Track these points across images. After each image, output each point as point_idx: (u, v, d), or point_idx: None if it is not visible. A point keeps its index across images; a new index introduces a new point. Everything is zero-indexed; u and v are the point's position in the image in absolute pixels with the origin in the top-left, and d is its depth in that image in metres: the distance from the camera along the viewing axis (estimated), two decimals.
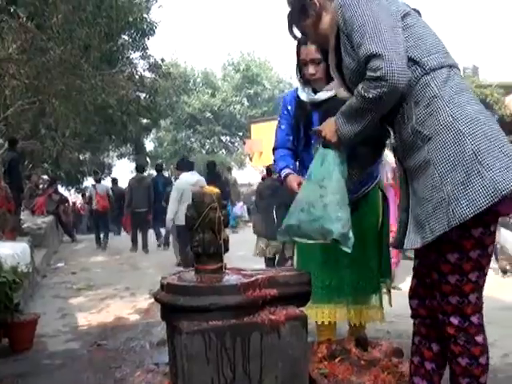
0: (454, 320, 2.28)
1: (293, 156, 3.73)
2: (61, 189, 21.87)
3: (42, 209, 15.12)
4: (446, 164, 2.13)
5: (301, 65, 3.54)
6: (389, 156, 6.10)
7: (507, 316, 5.12)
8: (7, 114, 14.92)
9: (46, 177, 22.17)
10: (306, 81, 3.56)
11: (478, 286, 2.27)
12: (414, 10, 2.44)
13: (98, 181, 15.73)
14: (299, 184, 3.19)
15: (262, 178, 9.62)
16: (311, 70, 3.47)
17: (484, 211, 2.09)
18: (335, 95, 3.32)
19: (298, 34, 2.64)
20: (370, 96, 2.18)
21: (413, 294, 2.57)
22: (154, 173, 15.46)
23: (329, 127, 2.46)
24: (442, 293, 2.30)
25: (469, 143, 2.10)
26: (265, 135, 25.40)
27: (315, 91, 3.55)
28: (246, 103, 40.41)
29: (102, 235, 14.45)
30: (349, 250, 2.53)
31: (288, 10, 2.60)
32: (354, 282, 3.59)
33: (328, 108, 3.28)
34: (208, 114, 38.06)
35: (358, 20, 2.22)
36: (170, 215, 9.19)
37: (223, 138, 41.77)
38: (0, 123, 15.51)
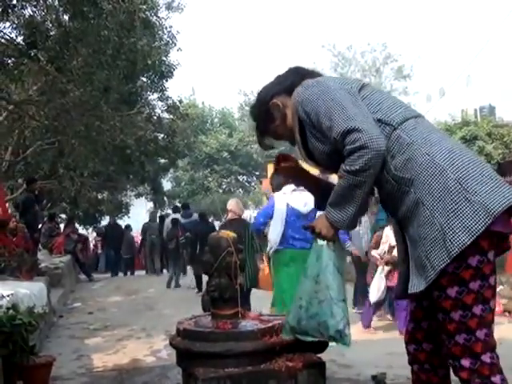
0: (465, 362, 2.19)
1: None
2: (78, 228, 21.95)
3: (61, 248, 15.16)
4: (434, 197, 2.17)
5: None
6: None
7: None
8: (26, 154, 15.14)
9: (64, 216, 22.32)
10: None
11: (485, 321, 2.20)
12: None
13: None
14: None
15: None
16: None
17: (479, 236, 2.09)
18: None
19: (270, 142, 2.75)
20: (358, 167, 2.20)
21: (410, 338, 2.51)
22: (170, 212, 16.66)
23: (321, 222, 2.44)
24: (448, 333, 2.22)
25: (450, 174, 2.16)
26: None
27: None
28: None
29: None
30: (346, 347, 2.50)
31: (254, 124, 2.71)
32: None
33: None
34: (225, 154, 38.21)
35: (321, 108, 2.33)
36: None
37: (240, 178, 41.85)
38: (19, 163, 15.73)
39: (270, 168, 35.51)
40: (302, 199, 5.46)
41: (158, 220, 19.05)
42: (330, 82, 2.47)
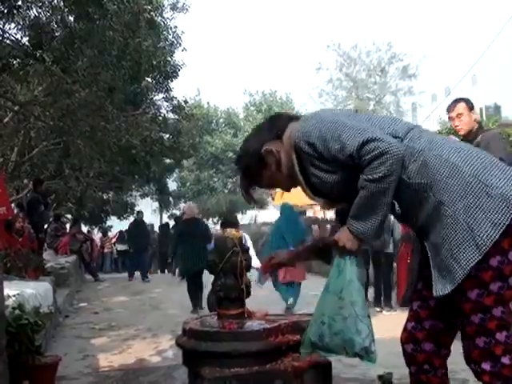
0: (486, 366, 2.17)
1: None
2: (84, 228, 22.02)
3: (66, 248, 15.20)
4: (453, 195, 2.15)
5: None
6: None
7: None
8: (32, 154, 15.18)
9: (69, 216, 22.40)
10: None
11: (505, 323, 2.18)
12: None
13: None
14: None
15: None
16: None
17: (502, 232, 2.08)
18: None
19: (256, 195, 2.72)
20: (381, 174, 2.16)
21: (408, 338, 2.49)
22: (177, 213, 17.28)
23: (345, 236, 2.38)
24: (469, 336, 2.21)
25: (465, 169, 2.17)
26: None
27: None
28: None
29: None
30: (373, 364, 2.46)
31: (240, 176, 2.66)
32: None
33: None
34: (230, 154, 38.16)
35: (327, 134, 2.29)
36: None
37: None
38: (25, 164, 15.77)
39: None
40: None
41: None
42: (325, 112, 2.52)
